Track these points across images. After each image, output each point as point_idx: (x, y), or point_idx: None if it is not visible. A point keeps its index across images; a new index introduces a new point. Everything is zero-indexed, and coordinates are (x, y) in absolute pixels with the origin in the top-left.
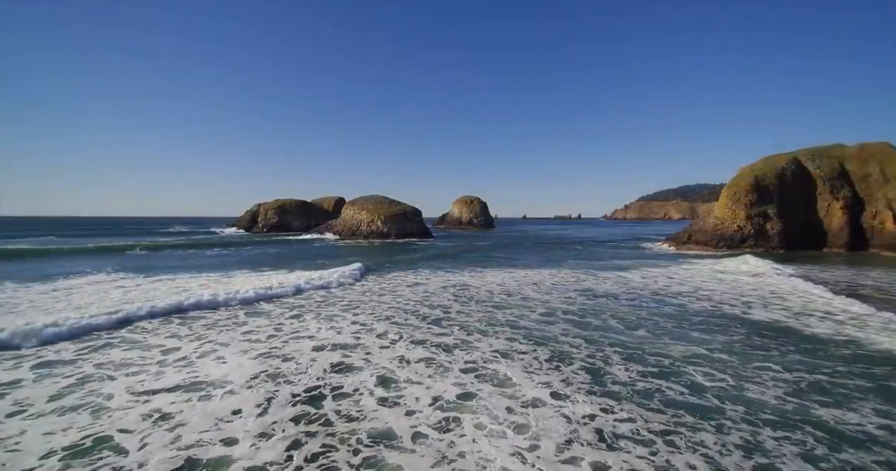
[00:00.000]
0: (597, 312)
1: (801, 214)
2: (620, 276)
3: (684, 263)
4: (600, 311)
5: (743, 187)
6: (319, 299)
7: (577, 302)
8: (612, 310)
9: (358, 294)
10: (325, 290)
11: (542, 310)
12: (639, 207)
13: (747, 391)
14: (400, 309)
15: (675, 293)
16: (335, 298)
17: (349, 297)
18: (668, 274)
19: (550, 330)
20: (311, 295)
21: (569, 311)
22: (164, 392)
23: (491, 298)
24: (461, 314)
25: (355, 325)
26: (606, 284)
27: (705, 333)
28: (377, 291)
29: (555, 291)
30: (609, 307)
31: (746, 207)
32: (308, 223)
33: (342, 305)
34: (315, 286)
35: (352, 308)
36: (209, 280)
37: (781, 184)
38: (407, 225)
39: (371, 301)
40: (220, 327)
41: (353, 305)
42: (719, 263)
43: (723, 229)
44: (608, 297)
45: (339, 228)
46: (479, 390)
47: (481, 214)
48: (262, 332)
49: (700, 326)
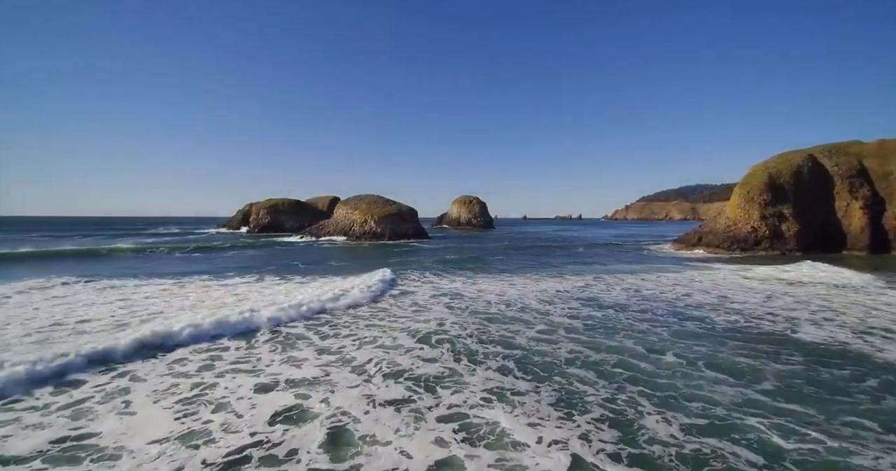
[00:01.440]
0: (608, 328)
1: (819, 214)
2: (630, 282)
3: (701, 268)
4: (612, 327)
5: (757, 186)
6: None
7: (583, 315)
8: (625, 326)
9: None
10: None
11: (542, 326)
12: (640, 207)
13: (848, 458)
14: (378, 326)
15: (696, 304)
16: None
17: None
18: (685, 280)
19: (554, 355)
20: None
21: (573, 328)
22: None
23: (487, 310)
24: (452, 331)
25: (323, 354)
26: (614, 292)
27: (752, 360)
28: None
29: (558, 300)
30: (621, 323)
31: (761, 206)
32: (301, 223)
33: (307, 324)
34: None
35: (319, 325)
36: (158, 288)
37: (797, 182)
38: (402, 225)
39: (344, 316)
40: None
41: (323, 322)
42: (748, 270)
43: (735, 231)
44: (618, 308)
45: (331, 228)
46: (467, 456)
47: (480, 214)
48: (191, 363)
49: (741, 350)
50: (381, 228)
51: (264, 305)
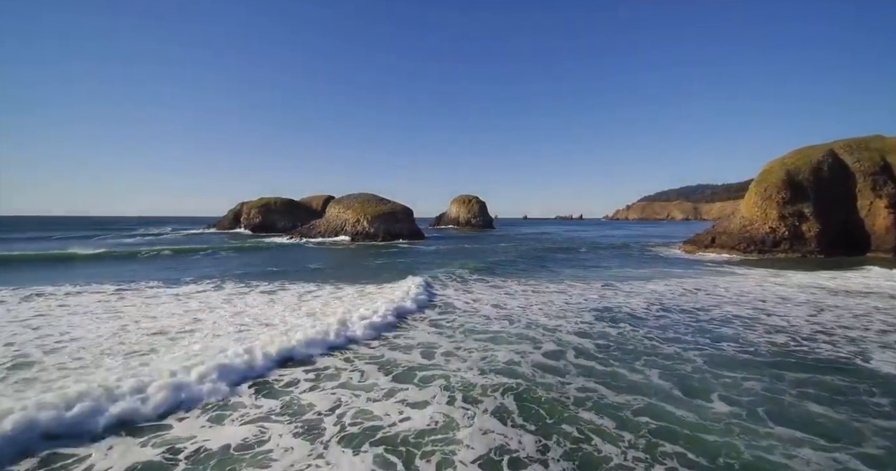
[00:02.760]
0: (625, 352)
1: (840, 213)
2: (644, 290)
3: (723, 273)
4: (630, 350)
5: (774, 183)
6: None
7: (596, 333)
8: (647, 349)
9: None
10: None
11: (549, 345)
12: (641, 207)
13: None
14: (344, 351)
15: (727, 318)
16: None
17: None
18: (707, 287)
19: (563, 390)
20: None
21: (584, 350)
22: None
23: (486, 327)
24: (443, 366)
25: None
26: (628, 302)
27: (830, 407)
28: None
29: (566, 313)
30: (641, 343)
31: (779, 205)
32: (294, 223)
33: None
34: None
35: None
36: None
37: (817, 179)
38: (396, 225)
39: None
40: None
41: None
42: (779, 275)
43: (752, 231)
44: (635, 323)
45: (323, 228)
46: None
47: (480, 214)
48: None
49: (807, 389)
50: (375, 229)
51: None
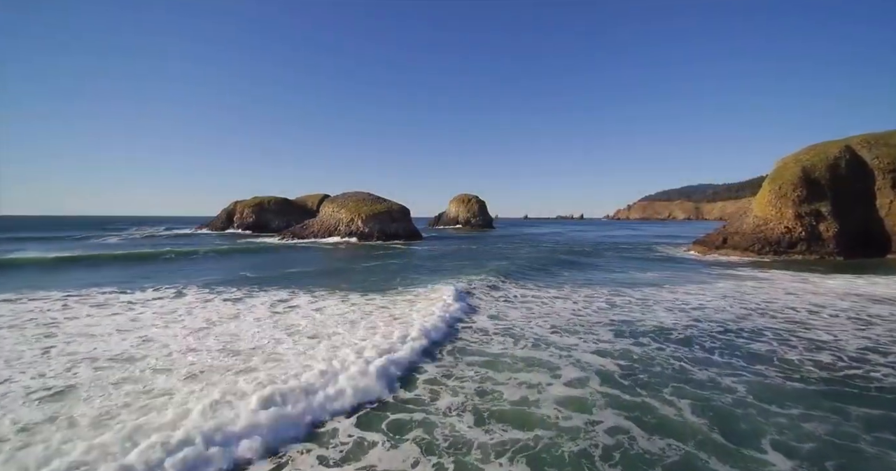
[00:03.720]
0: (653, 375)
1: (858, 212)
2: (662, 297)
3: (743, 278)
4: (658, 374)
5: (790, 180)
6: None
7: (617, 352)
8: (678, 372)
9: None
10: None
11: (568, 371)
12: (642, 207)
13: None
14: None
15: (759, 331)
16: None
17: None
18: (730, 294)
19: (588, 434)
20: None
21: (608, 375)
22: None
23: (485, 347)
24: (431, 406)
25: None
26: (648, 311)
27: None
28: (276, 338)
29: (580, 327)
30: (670, 365)
31: (795, 204)
32: (288, 223)
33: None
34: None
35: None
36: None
37: (834, 177)
38: (392, 225)
39: (250, 361)
40: None
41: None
42: (806, 280)
43: (766, 231)
44: (660, 339)
45: (316, 228)
46: None
47: (479, 213)
48: None
49: (881, 432)
50: (370, 228)
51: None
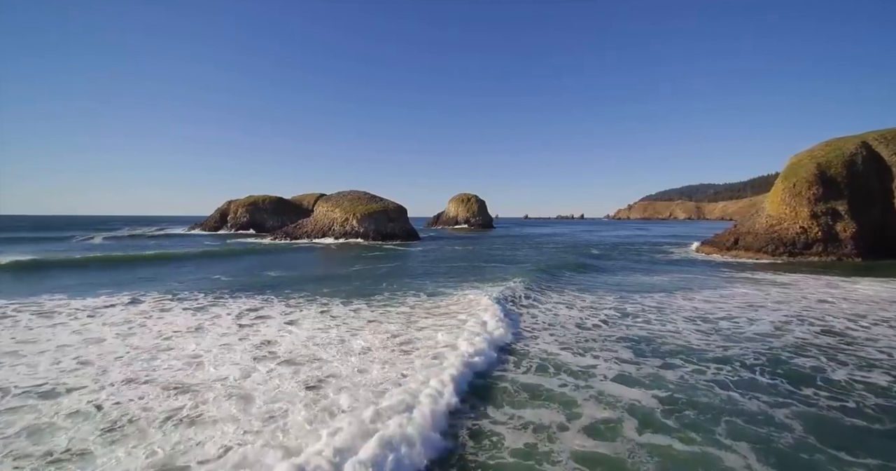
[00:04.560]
0: (693, 407)
1: (875, 212)
2: (681, 305)
3: (763, 282)
4: (705, 407)
5: (805, 178)
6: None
7: (645, 378)
8: (724, 402)
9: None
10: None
11: (588, 408)
12: (643, 207)
13: None
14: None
15: (801, 346)
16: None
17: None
18: (756, 301)
19: None
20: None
21: (643, 412)
22: None
23: (485, 373)
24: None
25: None
26: (668, 322)
27: None
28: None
29: (593, 342)
30: (713, 394)
31: (810, 203)
32: (283, 222)
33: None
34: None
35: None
36: None
37: (851, 174)
38: (388, 225)
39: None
40: None
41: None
42: (836, 285)
43: (781, 231)
44: (691, 359)
45: (310, 228)
46: None
47: (479, 213)
48: None
49: None
50: (365, 228)
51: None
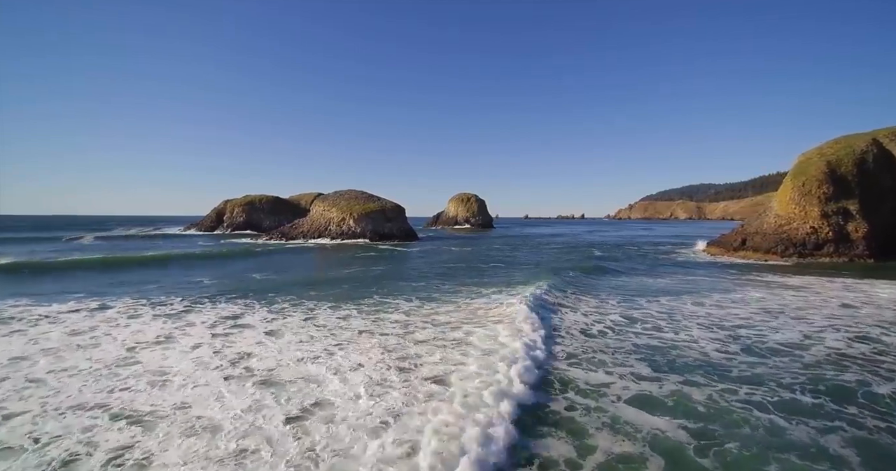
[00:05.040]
0: (747, 447)
1: (886, 211)
2: (693, 311)
3: (772, 285)
4: (748, 440)
5: (815, 176)
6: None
7: (666, 400)
8: (767, 430)
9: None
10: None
11: (608, 438)
12: (643, 206)
13: None
14: None
15: (834, 360)
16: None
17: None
18: (772, 307)
19: None
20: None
21: (675, 449)
22: None
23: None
24: None
25: None
26: (683, 330)
27: None
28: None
29: (603, 354)
30: (753, 419)
31: (821, 202)
32: (280, 222)
33: None
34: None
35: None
36: None
37: (862, 172)
38: (385, 225)
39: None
40: None
41: None
42: (853, 288)
43: (790, 231)
44: (714, 375)
45: (306, 228)
46: None
47: (479, 212)
48: None
49: None
50: (361, 228)
51: None
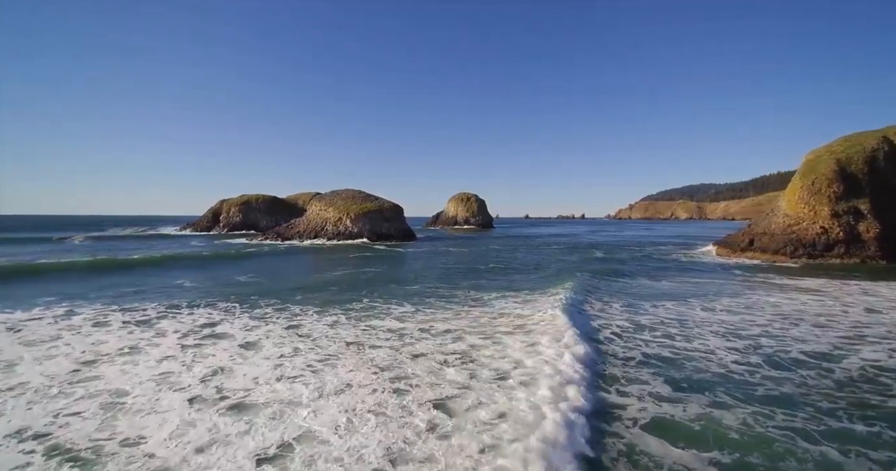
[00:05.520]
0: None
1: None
2: (702, 319)
3: (786, 288)
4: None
5: (824, 174)
6: None
7: (699, 424)
8: (827, 466)
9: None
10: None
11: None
12: (644, 206)
13: None
14: None
15: (870, 376)
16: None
17: None
18: (789, 312)
19: None
20: None
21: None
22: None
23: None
24: None
25: None
26: (697, 342)
27: None
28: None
29: (611, 368)
30: (803, 451)
31: (831, 201)
32: (277, 222)
33: None
34: None
35: None
36: None
37: (873, 171)
38: (383, 225)
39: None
40: None
41: None
42: (870, 292)
43: (799, 232)
44: (736, 391)
45: (302, 228)
46: None
47: (479, 212)
48: None
49: None
50: (359, 228)
51: None
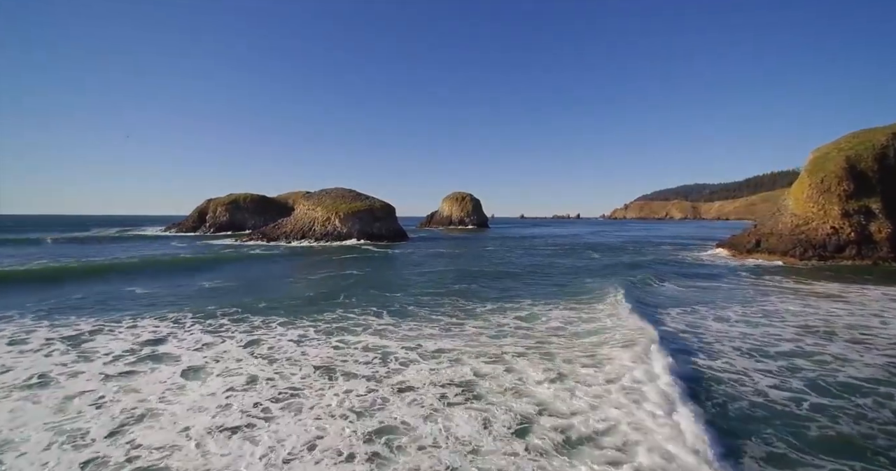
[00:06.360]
0: None
1: None
2: (717, 331)
3: (802, 293)
4: None
5: (833, 172)
6: None
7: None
8: None
9: None
10: None
11: None
12: (639, 206)
13: None
14: None
15: None
16: None
17: None
18: (813, 323)
19: None
20: None
21: None
22: None
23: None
24: None
25: None
26: (720, 360)
27: None
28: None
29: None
30: None
31: (841, 200)
32: (266, 222)
33: None
34: None
35: None
36: None
37: (883, 168)
38: (374, 225)
39: None
40: None
41: None
42: (893, 295)
43: (808, 232)
44: (792, 441)
45: (289, 228)
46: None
47: (474, 212)
48: None
49: None
50: (348, 229)
51: None
